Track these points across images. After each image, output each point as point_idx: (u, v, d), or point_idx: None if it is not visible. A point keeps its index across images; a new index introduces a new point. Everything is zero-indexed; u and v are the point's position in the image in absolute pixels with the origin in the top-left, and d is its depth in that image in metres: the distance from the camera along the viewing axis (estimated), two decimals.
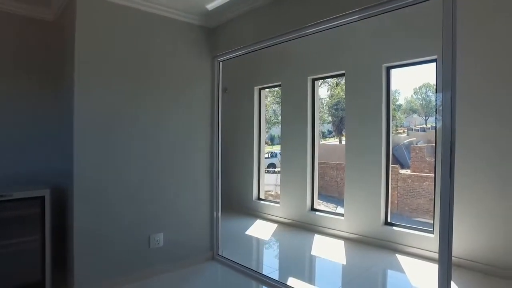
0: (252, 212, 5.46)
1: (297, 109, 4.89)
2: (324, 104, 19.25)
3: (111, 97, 2.69)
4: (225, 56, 3.28)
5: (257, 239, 4.46)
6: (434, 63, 3.55)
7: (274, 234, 4.63)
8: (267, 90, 6.34)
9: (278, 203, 5.20)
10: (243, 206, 5.63)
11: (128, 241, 2.80)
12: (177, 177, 3.12)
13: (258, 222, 5.12)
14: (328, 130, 20.95)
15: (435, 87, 4.01)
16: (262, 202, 5.47)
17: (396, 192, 10.47)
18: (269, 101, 16.90)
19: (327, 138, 20.70)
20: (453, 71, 1.80)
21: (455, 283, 2.91)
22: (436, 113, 2.60)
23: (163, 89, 3.01)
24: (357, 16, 2.23)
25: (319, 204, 11.69)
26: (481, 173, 3.17)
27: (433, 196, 3.81)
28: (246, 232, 4.68)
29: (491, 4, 3.10)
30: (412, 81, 30.70)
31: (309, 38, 2.73)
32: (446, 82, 1.82)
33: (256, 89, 5.58)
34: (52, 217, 2.58)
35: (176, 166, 3.11)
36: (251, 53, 3.18)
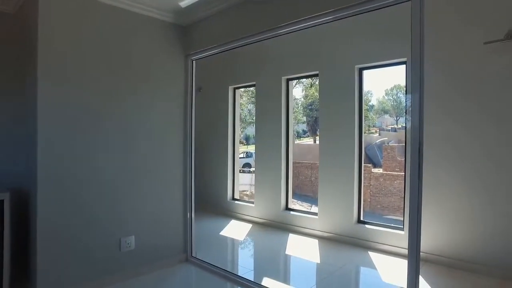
0: (227, 212, 5.43)
1: (271, 109, 4.90)
2: (299, 105, 19.47)
3: (78, 94, 2.57)
4: (199, 55, 3.23)
5: (232, 240, 4.44)
6: (404, 65, 3.66)
7: (249, 234, 4.62)
8: (241, 89, 6.32)
9: (253, 203, 5.19)
10: (218, 207, 5.58)
11: (97, 245, 2.70)
12: (149, 178, 3.04)
13: (233, 223, 5.09)
14: (303, 130, 21.20)
15: (405, 88, 4.14)
16: (236, 202, 5.45)
17: (369, 190, 10.75)
18: (244, 101, 16.89)
19: (301, 138, 20.95)
20: (421, 73, 1.85)
21: (422, 277, 3.00)
22: (406, 114, 2.69)
23: (134, 87, 2.92)
24: (330, 17, 2.25)
25: (294, 204, 11.80)
26: (447, 173, 3.29)
27: (403, 194, 3.93)
28: (221, 233, 4.64)
29: (455, 9, 3.23)
30: (384, 82, 31.61)
31: (283, 38, 2.74)
32: (415, 84, 1.87)
33: (230, 88, 5.54)
34: (12, 222, 2.44)
35: (148, 166, 3.03)
36: (226, 53, 3.15)
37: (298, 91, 19.59)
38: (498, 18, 2.98)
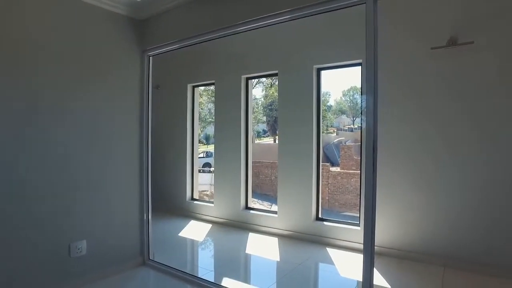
0: (186, 213, 5.32)
1: (231, 108, 4.88)
2: (259, 104, 19.62)
3: (21, 88, 2.37)
4: (155, 51, 3.12)
5: (192, 241, 4.36)
6: (360, 67, 3.80)
7: (208, 235, 4.56)
8: (201, 88, 6.23)
9: (212, 203, 5.14)
10: (177, 207, 5.45)
11: (43, 252, 2.50)
12: (103, 178, 2.89)
13: (192, 223, 5.00)
14: (263, 130, 21.40)
15: (361, 90, 4.31)
16: (196, 202, 5.36)
17: (327, 188, 11.09)
18: (204, 100, 16.69)
19: (262, 138, 21.13)
20: (375, 75, 1.93)
21: (376, 269, 3.14)
22: (361, 114, 2.81)
23: (85, 83, 2.75)
24: (287, 17, 2.28)
25: (254, 203, 11.89)
26: (398, 172, 3.48)
27: (359, 192, 4.10)
28: (180, 234, 4.54)
29: (405, 15, 3.42)
30: (342, 84, 32.81)
31: (243, 37, 2.73)
32: (369, 86, 1.94)
33: (189, 86, 5.43)
34: None
35: (101, 165, 2.87)
36: (185, 50, 3.07)
37: (258, 91, 19.73)
38: (442, 26, 3.20)
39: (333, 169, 11.91)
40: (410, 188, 3.42)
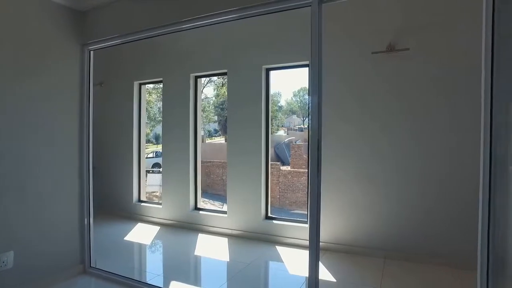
0: (133, 215, 5.08)
1: (179, 107, 4.76)
2: (211, 103, 19.43)
3: None
4: (97, 45, 2.93)
5: (139, 245, 4.16)
6: (308, 68, 3.91)
7: (156, 237, 4.40)
8: (150, 86, 6.00)
9: (161, 204, 4.97)
10: (122, 210, 5.19)
11: None
12: (36, 181, 2.64)
13: (139, 226, 4.79)
14: (214, 129, 21.23)
15: (308, 90, 4.43)
16: (143, 204, 5.14)
17: (278, 187, 11.30)
18: (153, 98, 16.13)
19: (213, 137, 20.95)
20: (319, 77, 1.99)
21: (323, 264, 3.27)
22: (309, 114, 2.91)
23: (15, 79, 2.49)
24: (234, 16, 2.27)
25: (206, 203, 11.77)
26: (343, 170, 3.64)
27: (307, 190, 4.21)
28: (126, 238, 4.32)
29: (349, 20, 3.59)
30: (292, 84, 33.63)
31: (192, 34, 2.67)
32: (314, 86, 1.99)
33: (136, 84, 5.20)
34: None
35: (34, 168, 2.62)
36: (130, 45, 2.92)
37: (209, 90, 19.54)
38: (382, 33, 3.41)
39: (283, 168, 12.18)
40: (355, 185, 3.60)
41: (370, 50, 3.42)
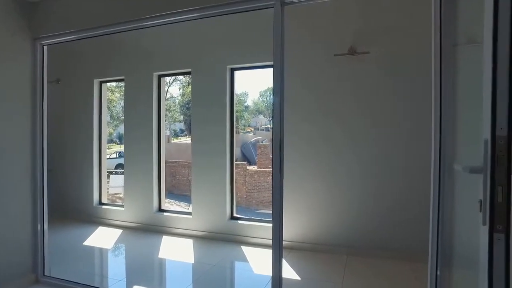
0: (93, 218, 4.87)
1: (142, 107, 4.63)
2: (176, 103, 19.07)
3: None
4: (50, 40, 2.77)
5: (99, 249, 4.00)
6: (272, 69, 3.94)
7: (118, 241, 4.25)
8: (113, 84, 5.78)
9: (123, 206, 4.81)
10: (82, 213, 4.95)
11: None
12: None
13: (100, 230, 4.60)
14: (180, 129, 20.86)
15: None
16: (104, 206, 4.95)
17: (245, 187, 11.32)
18: (116, 97, 15.58)
19: (179, 137, 20.57)
20: (282, 77, 2.01)
21: (288, 263, 3.31)
22: (273, 115, 2.95)
23: None
24: (196, 14, 2.24)
25: (172, 204, 11.54)
26: (306, 169, 3.71)
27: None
28: (85, 243, 4.12)
29: (311, 24, 3.66)
30: (259, 84, 33.79)
31: (155, 32, 2.60)
32: (276, 86, 2.02)
33: (96, 82, 4.99)
34: None
35: None
36: (90, 41, 2.79)
37: (175, 89, 19.17)
38: (344, 36, 3.51)
39: (250, 167, 12.21)
40: (317, 184, 3.68)
41: (333, 52, 3.52)
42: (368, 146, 3.49)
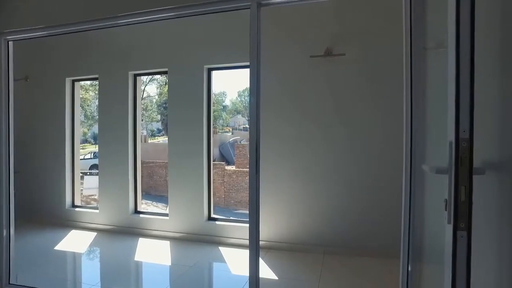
0: (65, 222, 4.70)
1: (117, 106, 4.52)
2: (154, 102, 18.76)
3: None
4: (17, 35, 2.63)
5: (72, 253, 3.87)
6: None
7: (93, 244, 4.13)
8: (87, 82, 5.62)
9: (97, 208, 4.68)
10: (53, 216, 4.78)
11: None
12: None
13: (73, 233, 4.45)
14: (158, 129, 20.52)
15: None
16: (77, 209, 4.80)
17: (223, 187, 11.28)
18: (91, 95, 15.16)
19: (156, 137, 20.22)
20: (258, 78, 2.02)
21: (265, 263, 3.33)
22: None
23: None
24: (172, 14, 2.21)
25: (149, 205, 11.35)
26: (283, 169, 3.73)
27: None
28: (56, 247, 3.97)
29: (288, 25, 3.69)
30: (238, 84, 33.76)
31: (131, 31, 2.54)
32: (252, 87, 2.02)
33: (68, 80, 4.82)
34: None
35: None
36: (62, 39, 2.69)
37: (152, 88, 18.85)
38: (320, 38, 3.56)
39: (228, 167, 12.17)
40: (294, 184, 3.71)
41: (310, 53, 3.55)
42: (344, 147, 3.56)
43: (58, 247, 4.00)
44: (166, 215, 4.35)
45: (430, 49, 1.75)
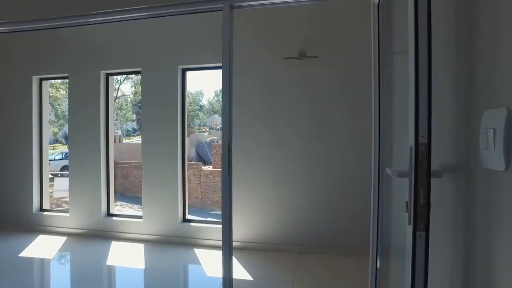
0: (33, 227, 4.52)
1: (88, 106, 4.39)
2: (128, 101, 18.34)
3: None
4: None
5: (40, 260, 3.70)
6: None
7: (62, 250, 3.98)
8: (58, 81, 5.42)
9: (68, 212, 4.53)
10: (19, 222, 4.57)
11: None
12: None
13: (41, 238, 4.28)
14: (133, 128, 20.07)
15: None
16: (46, 213, 4.62)
17: (200, 187, 11.19)
18: (62, 94, 14.65)
19: (131, 137, 19.78)
20: (230, 79, 2.02)
21: (241, 264, 3.34)
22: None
23: None
24: (144, 14, 2.17)
25: (124, 207, 11.09)
26: (256, 169, 3.75)
27: None
28: (21, 254, 3.78)
29: (263, 27, 3.71)
30: (215, 84, 33.63)
31: (104, 29, 2.47)
32: (225, 88, 2.02)
33: (35, 79, 4.63)
34: None
35: None
36: (28, 36, 2.58)
37: (127, 87, 18.44)
38: (294, 40, 3.61)
39: (205, 168, 12.09)
40: (268, 184, 3.74)
41: (284, 55, 3.59)
42: (317, 148, 3.62)
43: (24, 253, 3.82)
44: (140, 217, 4.27)
45: (397, 53, 1.81)
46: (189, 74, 4.24)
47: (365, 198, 3.06)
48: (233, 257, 2.22)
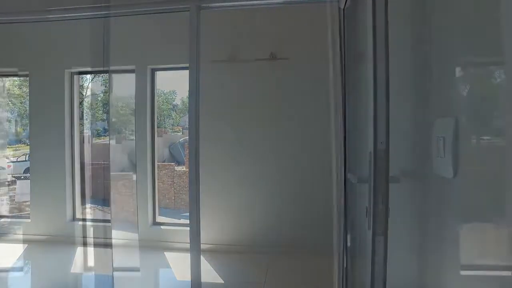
0: None
1: (52, 105, 4.18)
2: (99, 100, 17.75)
3: None
4: None
5: None
6: None
7: (21, 258, 3.77)
8: (21, 78, 5.15)
9: (29, 217, 4.31)
10: None
11: None
12: None
13: None
14: (104, 128, 19.46)
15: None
16: (3, 219, 4.37)
17: (173, 188, 10.97)
18: (24, 92, 13.92)
19: (102, 137, 19.17)
20: (197, 81, 1.99)
21: (212, 266, 3.30)
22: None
23: None
24: (108, 12, 2.10)
25: (94, 209, 10.67)
26: (225, 171, 3.72)
27: None
28: None
29: (235, 28, 3.69)
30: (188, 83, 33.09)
31: (67, 27, 2.36)
32: (192, 90, 1.98)
33: None
34: None
35: None
36: None
37: (97, 85, 17.79)
38: (265, 42, 3.61)
39: (178, 168, 11.85)
40: (238, 186, 3.73)
41: (254, 57, 3.58)
42: (284, 149, 3.63)
43: None
44: (108, 221, 4.13)
45: (360, 58, 1.84)
46: (157, 75, 4.14)
47: (333, 198, 3.13)
48: (203, 260, 2.20)
